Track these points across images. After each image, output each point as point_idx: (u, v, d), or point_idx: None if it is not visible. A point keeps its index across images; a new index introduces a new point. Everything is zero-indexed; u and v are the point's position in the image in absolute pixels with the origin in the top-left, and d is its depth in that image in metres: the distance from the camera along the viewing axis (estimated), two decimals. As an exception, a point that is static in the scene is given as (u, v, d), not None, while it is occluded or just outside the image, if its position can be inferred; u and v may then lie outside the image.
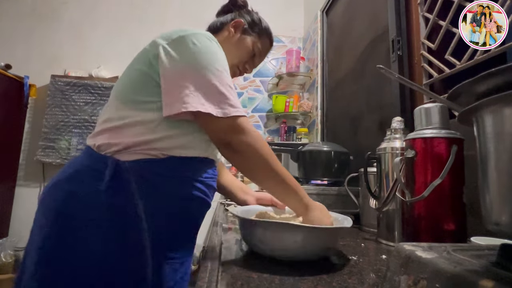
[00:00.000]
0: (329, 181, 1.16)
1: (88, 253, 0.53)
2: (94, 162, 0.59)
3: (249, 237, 0.56)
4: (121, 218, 0.55)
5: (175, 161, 0.59)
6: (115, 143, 0.58)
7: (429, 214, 0.57)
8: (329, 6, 2.16)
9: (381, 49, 1.31)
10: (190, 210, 0.63)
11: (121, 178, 0.56)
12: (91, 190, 0.56)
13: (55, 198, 0.58)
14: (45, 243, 0.54)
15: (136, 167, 0.57)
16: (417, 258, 0.30)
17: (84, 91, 2.41)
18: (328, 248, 0.55)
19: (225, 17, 0.84)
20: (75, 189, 0.57)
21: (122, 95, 0.62)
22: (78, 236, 0.54)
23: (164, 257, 0.57)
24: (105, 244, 0.54)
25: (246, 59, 0.82)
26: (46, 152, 2.32)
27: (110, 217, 0.55)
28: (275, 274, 0.45)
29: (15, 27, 2.56)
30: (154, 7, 2.73)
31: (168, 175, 0.59)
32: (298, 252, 0.51)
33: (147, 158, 0.58)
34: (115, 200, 0.55)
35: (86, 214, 0.55)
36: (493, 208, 0.27)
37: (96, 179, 0.56)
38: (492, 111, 0.27)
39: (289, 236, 0.50)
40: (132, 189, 0.56)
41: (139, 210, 0.56)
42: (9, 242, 2.04)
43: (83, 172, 0.58)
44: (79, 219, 0.55)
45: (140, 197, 0.56)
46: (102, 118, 0.63)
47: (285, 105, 2.48)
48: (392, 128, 0.76)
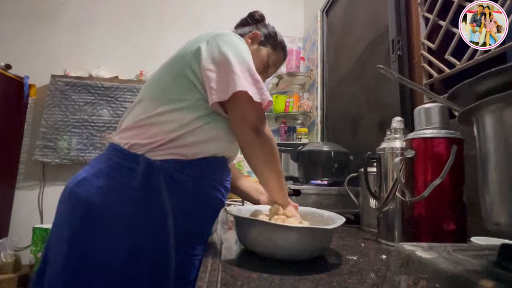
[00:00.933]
0: (329, 181, 1.16)
1: (117, 245, 0.56)
2: (125, 159, 0.61)
3: (242, 236, 0.58)
4: (149, 214, 0.58)
5: (202, 162, 0.64)
6: (147, 142, 0.61)
7: (429, 214, 0.57)
8: (329, 6, 2.16)
9: (381, 49, 1.31)
10: (210, 209, 0.68)
11: (152, 176, 0.59)
12: (124, 186, 0.59)
13: (86, 191, 0.60)
14: (76, 236, 0.57)
15: (166, 167, 0.60)
16: (417, 258, 0.30)
17: (84, 91, 2.41)
18: (320, 248, 0.54)
19: (243, 29, 0.89)
20: (107, 183, 0.60)
21: (156, 92, 0.66)
22: (107, 228, 0.57)
23: (187, 253, 0.62)
24: (133, 237, 0.57)
25: (260, 69, 0.86)
26: (45, 152, 2.31)
27: (139, 212, 0.58)
28: (275, 274, 0.45)
29: (15, 27, 2.55)
30: (154, 7, 2.73)
31: (196, 176, 0.63)
32: (291, 251, 0.51)
33: (177, 159, 0.61)
34: (146, 196, 0.59)
35: (118, 207, 0.58)
36: (493, 208, 0.27)
37: (128, 175, 0.59)
38: (492, 111, 0.27)
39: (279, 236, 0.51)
40: (162, 188, 0.59)
41: (167, 208, 0.59)
42: (9, 242, 2.03)
43: (114, 168, 0.61)
44: (110, 212, 0.57)
45: (169, 195, 0.60)
46: (131, 114, 0.67)
47: (285, 105, 2.48)
48: (392, 128, 0.76)
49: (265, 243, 0.51)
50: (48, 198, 2.37)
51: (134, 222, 0.57)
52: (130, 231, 0.57)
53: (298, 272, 0.46)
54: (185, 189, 0.62)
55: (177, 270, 0.59)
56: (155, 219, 0.59)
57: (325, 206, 1.01)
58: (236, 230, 0.60)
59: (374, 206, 0.76)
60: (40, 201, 2.38)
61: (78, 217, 0.57)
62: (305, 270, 0.47)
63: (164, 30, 2.66)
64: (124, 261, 0.55)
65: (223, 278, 0.43)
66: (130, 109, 0.69)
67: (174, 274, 0.58)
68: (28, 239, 2.06)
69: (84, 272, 0.55)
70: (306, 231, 0.51)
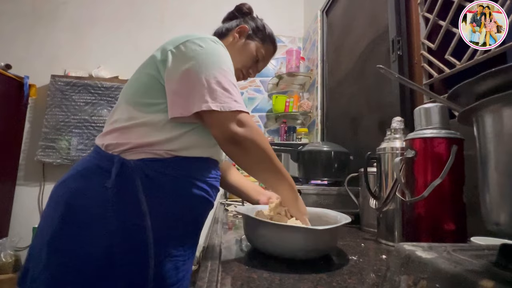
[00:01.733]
0: (329, 181, 1.16)
1: (92, 247, 0.55)
2: (101, 160, 0.61)
3: (253, 236, 0.58)
4: (125, 214, 0.57)
5: (179, 160, 0.62)
6: (123, 143, 0.61)
7: (429, 214, 0.57)
8: (329, 6, 2.16)
9: (381, 49, 1.31)
10: (192, 209, 0.65)
11: (126, 176, 0.58)
12: (98, 187, 0.58)
13: (64, 193, 0.60)
14: (55, 235, 0.57)
15: (141, 166, 0.59)
16: (417, 258, 0.30)
17: (84, 91, 2.41)
18: (329, 247, 0.56)
19: (230, 23, 0.87)
20: (83, 185, 0.60)
21: (130, 97, 0.65)
22: (84, 230, 0.56)
23: (166, 255, 0.59)
24: (109, 238, 0.56)
25: (249, 64, 0.85)
26: (46, 152, 2.32)
27: (114, 213, 0.57)
28: (275, 274, 0.45)
29: (15, 27, 2.55)
30: (154, 7, 2.73)
31: (173, 174, 0.61)
32: (300, 251, 0.51)
33: (152, 158, 0.60)
34: (120, 197, 0.58)
35: (92, 210, 0.57)
36: (493, 208, 0.27)
37: (103, 176, 0.59)
38: (492, 111, 0.27)
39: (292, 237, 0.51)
40: (137, 187, 0.58)
41: (143, 207, 0.58)
42: (9, 242, 2.03)
43: (91, 169, 0.61)
44: (86, 214, 0.57)
45: (145, 195, 0.58)
46: (111, 119, 0.67)
47: (285, 105, 2.48)
48: (392, 128, 0.76)
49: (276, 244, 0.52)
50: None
51: (109, 223, 0.56)
52: (105, 233, 0.56)
53: (298, 272, 0.46)
54: (162, 188, 0.60)
55: (156, 271, 0.57)
56: (131, 220, 0.57)
57: (325, 206, 1.01)
58: (247, 230, 0.60)
59: (374, 206, 0.76)
60: (40, 201, 2.38)
61: (57, 218, 0.58)
62: (305, 270, 0.47)
63: (164, 30, 2.66)
64: (100, 262, 0.55)
65: (223, 278, 0.43)
66: (111, 113, 0.68)
67: (153, 275, 0.57)
68: (28, 239, 2.06)
69: (63, 272, 0.55)
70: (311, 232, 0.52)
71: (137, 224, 0.57)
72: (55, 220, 0.58)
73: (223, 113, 0.57)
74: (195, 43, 0.61)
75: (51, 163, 2.32)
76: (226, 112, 0.57)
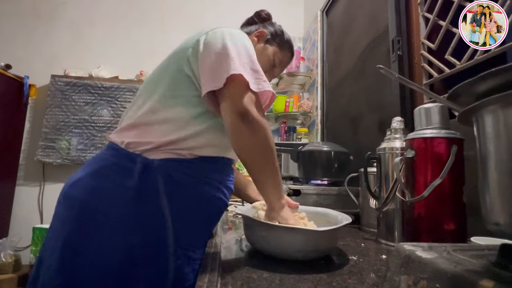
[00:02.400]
0: (329, 181, 1.16)
1: (112, 246, 0.55)
2: (121, 159, 0.60)
3: (254, 238, 0.58)
4: (146, 214, 0.57)
5: (201, 161, 0.62)
6: (145, 142, 0.59)
7: (429, 214, 0.57)
8: (329, 6, 2.16)
9: (381, 49, 1.31)
10: (212, 212, 0.66)
11: (149, 177, 0.57)
12: (118, 186, 0.57)
13: (80, 191, 0.59)
14: (71, 236, 0.56)
15: (165, 166, 0.58)
16: (417, 258, 0.30)
17: (84, 91, 2.41)
18: (329, 247, 0.56)
19: (249, 28, 0.87)
20: (102, 184, 0.58)
21: (149, 90, 0.64)
22: (102, 231, 0.55)
23: (186, 257, 0.59)
24: (128, 238, 0.55)
25: (266, 68, 0.83)
26: (46, 152, 2.32)
27: (135, 213, 0.56)
28: (275, 274, 0.45)
29: (15, 27, 2.55)
30: (154, 7, 2.73)
31: (195, 176, 0.61)
32: (300, 252, 0.51)
33: (175, 158, 0.59)
34: (143, 198, 0.57)
35: (112, 210, 0.56)
36: (493, 208, 0.27)
37: (124, 176, 0.58)
38: (492, 111, 0.27)
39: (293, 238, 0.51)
40: (160, 188, 0.57)
41: (165, 209, 0.57)
42: (9, 242, 2.03)
43: (109, 168, 0.60)
44: (104, 214, 0.56)
45: (167, 196, 0.58)
46: (129, 112, 0.65)
47: (285, 105, 2.48)
48: (392, 128, 0.76)
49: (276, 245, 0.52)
50: (48, 198, 2.37)
51: (129, 223, 0.55)
52: (125, 233, 0.55)
53: (298, 272, 0.46)
54: (185, 189, 0.60)
55: (176, 273, 0.57)
56: (152, 220, 0.57)
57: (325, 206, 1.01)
58: (247, 231, 0.60)
59: (374, 206, 0.76)
60: (40, 201, 2.38)
61: (73, 218, 0.56)
62: (305, 270, 0.47)
63: (164, 30, 2.66)
64: (119, 263, 0.54)
65: (223, 278, 0.43)
66: (129, 108, 0.67)
67: (173, 278, 0.57)
68: (28, 239, 2.06)
69: (79, 273, 0.53)
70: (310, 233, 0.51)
71: (158, 224, 0.57)
72: (71, 219, 0.56)
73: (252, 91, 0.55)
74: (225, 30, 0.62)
75: (51, 163, 2.33)
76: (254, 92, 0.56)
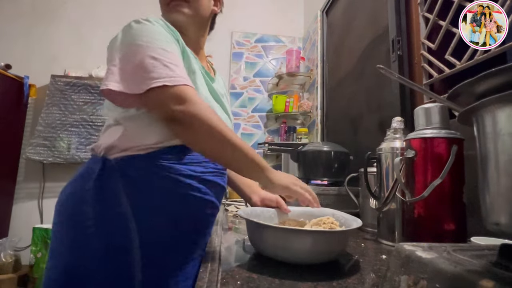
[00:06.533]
0: (329, 181, 1.16)
1: (84, 249, 0.54)
2: (91, 162, 0.61)
3: (258, 241, 0.55)
4: (107, 217, 0.55)
5: (156, 153, 0.57)
6: (103, 141, 0.61)
7: (429, 214, 0.57)
8: (329, 6, 2.16)
9: (381, 49, 1.31)
10: (185, 212, 0.59)
11: (107, 176, 0.56)
12: (81, 189, 0.57)
13: (61, 198, 0.61)
14: (53, 242, 0.59)
15: (121, 164, 0.57)
16: (417, 258, 0.30)
17: (83, 91, 2.41)
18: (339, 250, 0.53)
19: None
20: (73, 189, 0.60)
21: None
22: (75, 233, 0.56)
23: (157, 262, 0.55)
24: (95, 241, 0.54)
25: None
26: (36, 150, 2.28)
27: (96, 215, 0.55)
28: (275, 274, 0.45)
29: (15, 27, 2.55)
30: (154, 7, 2.72)
31: (151, 170, 0.56)
32: (308, 256, 0.50)
33: (131, 154, 0.57)
34: (101, 198, 0.55)
35: (77, 212, 0.56)
36: (493, 208, 0.27)
37: (85, 178, 0.58)
38: (492, 111, 0.27)
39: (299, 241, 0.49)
40: (118, 188, 0.55)
41: (127, 210, 0.55)
42: (9, 242, 2.03)
43: (81, 173, 0.61)
44: (74, 217, 0.57)
45: (127, 196, 0.55)
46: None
47: (285, 105, 2.48)
48: (392, 128, 0.76)
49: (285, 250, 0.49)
50: (48, 198, 2.37)
51: (91, 225, 0.54)
52: (88, 234, 0.54)
53: (298, 272, 0.46)
54: (142, 186, 0.56)
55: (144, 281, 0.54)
56: (113, 221, 0.54)
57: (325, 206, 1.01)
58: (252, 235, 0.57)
59: (374, 206, 0.76)
60: (40, 201, 2.38)
61: (56, 224, 0.59)
62: (305, 270, 0.47)
63: (164, 30, 2.66)
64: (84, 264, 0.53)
65: (223, 278, 0.43)
66: None
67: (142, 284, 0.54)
68: (28, 239, 2.06)
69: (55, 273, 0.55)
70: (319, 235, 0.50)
71: (120, 227, 0.54)
72: (55, 225, 0.60)
73: (155, 91, 0.52)
74: (129, 25, 0.60)
75: (42, 161, 2.30)
76: (155, 90, 0.52)
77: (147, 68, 0.53)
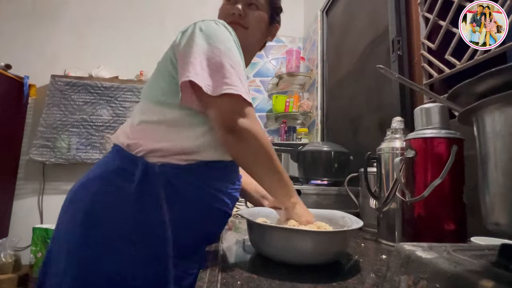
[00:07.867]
0: (329, 181, 1.16)
1: (114, 253, 0.53)
2: (124, 161, 0.58)
3: (259, 242, 0.55)
4: (146, 222, 0.54)
5: (203, 167, 0.58)
6: (145, 144, 0.57)
7: (429, 214, 0.57)
8: (329, 6, 2.16)
9: (381, 49, 1.31)
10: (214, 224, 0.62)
11: (150, 182, 0.55)
12: (120, 190, 0.55)
13: (83, 199, 0.57)
14: (75, 243, 0.54)
15: (165, 172, 0.56)
16: (417, 258, 0.30)
17: (83, 91, 2.40)
18: (340, 251, 0.53)
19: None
20: (104, 188, 0.56)
21: (147, 94, 0.63)
22: (105, 235, 0.54)
23: (184, 270, 0.56)
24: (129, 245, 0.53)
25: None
26: (40, 150, 2.28)
27: (135, 220, 0.54)
28: (274, 274, 0.45)
29: (15, 27, 2.55)
30: (154, 7, 2.73)
31: (196, 183, 0.58)
32: (310, 257, 0.49)
33: (175, 163, 0.57)
34: (143, 205, 0.54)
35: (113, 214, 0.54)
36: (493, 208, 0.27)
37: (124, 179, 0.55)
38: (492, 111, 0.27)
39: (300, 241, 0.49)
40: (160, 195, 0.55)
41: (166, 218, 0.55)
42: (9, 242, 2.03)
43: (112, 171, 0.58)
44: (107, 218, 0.54)
45: (167, 204, 0.55)
46: (131, 116, 0.64)
47: (285, 105, 2.48)
48: (392, 128, 0.76)
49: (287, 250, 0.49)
50: (48, 198, 2.37)
51: (130, 230, 0.53)
52: (126, 239, 0.53)
53: (298, 272, 0.46)
54: (185, 197, 0.57)
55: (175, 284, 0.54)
56: (152, 229, 0.54)
57: (325, 206, 1.01)
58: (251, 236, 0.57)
59: (374, 206, 0.76)
60: (40, 201, 2.38)
61: (77, 224, 0.55)
62: (305, 270, 0.47)
63: (164, 30, 2.66)
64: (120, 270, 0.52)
65: (223, 278, 0.43)
66: (133, 109, 0.67)
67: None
68: (28, 239, 2.06)
69: (84, 280, 0.53)
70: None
71: (158, 234, 0.54)
72: (75, 225, 0.55)
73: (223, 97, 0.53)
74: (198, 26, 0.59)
75: (45, 162, 2.30)
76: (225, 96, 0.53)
77: (225, 73, 0.55)
